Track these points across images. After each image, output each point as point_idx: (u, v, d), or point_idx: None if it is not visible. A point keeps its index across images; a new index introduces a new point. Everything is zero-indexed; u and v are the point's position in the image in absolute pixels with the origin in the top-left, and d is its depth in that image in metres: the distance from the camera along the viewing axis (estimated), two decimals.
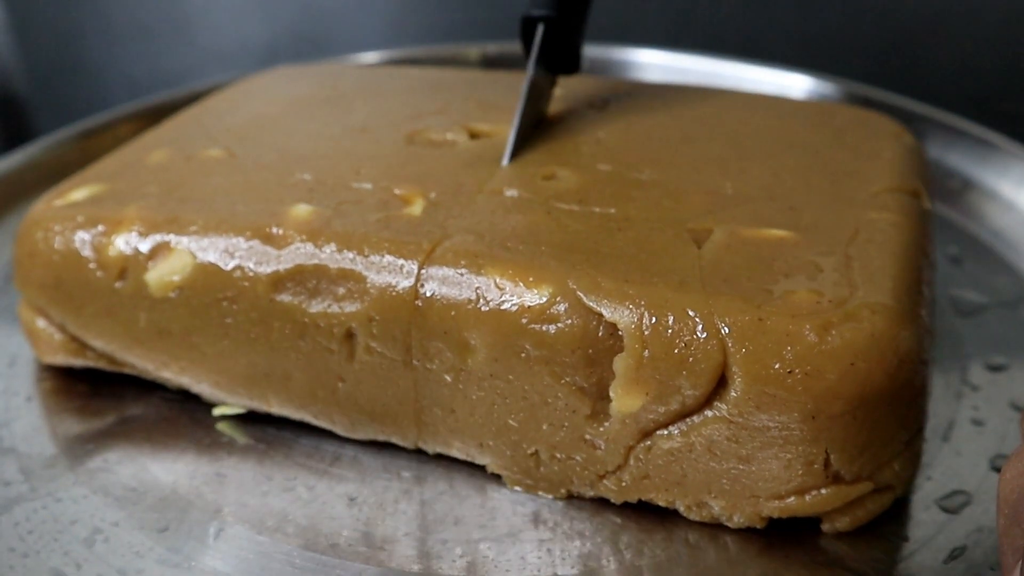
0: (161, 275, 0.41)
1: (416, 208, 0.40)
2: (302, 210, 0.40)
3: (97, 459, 0.41)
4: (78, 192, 0.44)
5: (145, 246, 0.41)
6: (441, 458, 0.41)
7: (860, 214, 0.39)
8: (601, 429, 0.36)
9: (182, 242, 0.40)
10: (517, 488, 0.39)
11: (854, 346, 0.33)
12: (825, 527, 0.36)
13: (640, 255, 0.37)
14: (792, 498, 0.35)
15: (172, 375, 0.43)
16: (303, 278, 0.39)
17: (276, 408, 0.42)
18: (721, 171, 0.43)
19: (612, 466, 0.37)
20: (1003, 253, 0.53)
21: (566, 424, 0.37)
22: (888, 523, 0.36)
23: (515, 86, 0.53)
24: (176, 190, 0.43)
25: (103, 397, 0.45)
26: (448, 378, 0.38)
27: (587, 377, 0.36)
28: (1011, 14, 0.75)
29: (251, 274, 0.39)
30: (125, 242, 0.41)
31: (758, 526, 0.36)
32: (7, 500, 0.39)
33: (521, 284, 0.36)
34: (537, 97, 0.48)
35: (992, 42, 0.77)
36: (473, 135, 0.47)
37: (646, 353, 0.34)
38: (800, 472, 0.34)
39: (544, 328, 0.35)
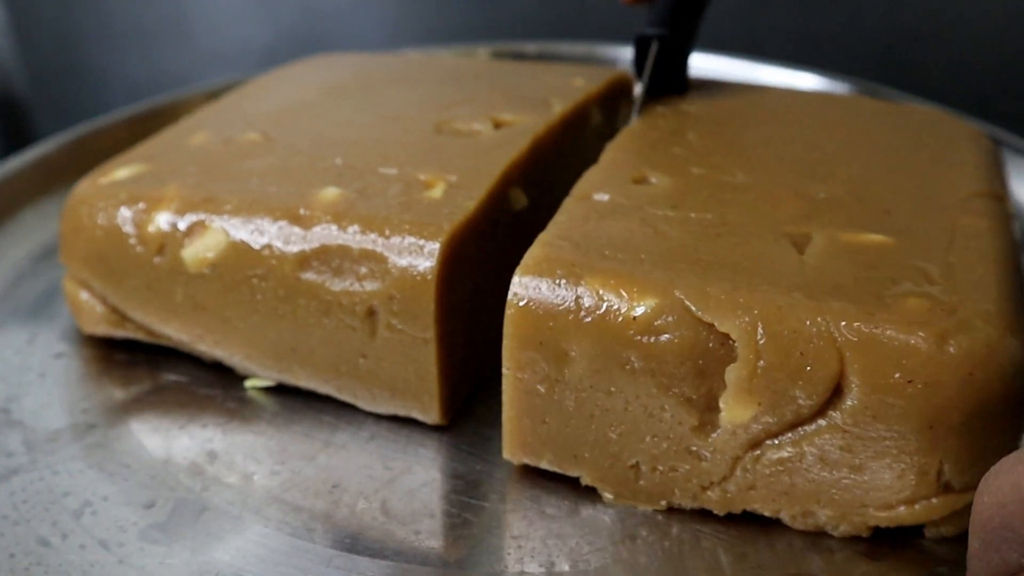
0: (196, 252, 0.43)
1: (437, 191, 0.42)
2: (330, 192, 0.42)
3: (97, 434, 0.42)
4: (121, 171, 0.46)
5: (182, 224, 0.43)
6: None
7: (953, 219, 0.39)
8: (708, 440, 0.36)
9: (217, 221, 0.42)
10: (610, 497, 0.38)
11: (972, 356, 0.32)
12: (929, 532, 0.36)
13: (743, 262, 0.36)
14: (902, 507, 0.35)
15: (207, 348, 0.45)
16: (327, 257, 0.40)
17: (303, 381, 0.44)
18: (809, 173, 0.42)
19: (717, 477, 0.36)
20: None
21: (671, 436, 0.36)
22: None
23: (540, 77, 0.54)
24: (214, 171, 0.45)
25: (104, 381, 0.46)
26: (541, 388, 0.37)
27: (696, 388, 0.35)
28: (1011, 14, 0.74)
29: (279, 253, 0.41)
30: (164, 219, 0.43)
31: (863, 535, 0.36)
32: (7, 471, 0.40)
33: (625, 295, 0.35)
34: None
35: (992, 42, 0.76)
36: (497, 124, 0.48)
37: (760, 363, 0.34)
38: (913, 482, 0.34)
39: (651, 339, 0.35)
